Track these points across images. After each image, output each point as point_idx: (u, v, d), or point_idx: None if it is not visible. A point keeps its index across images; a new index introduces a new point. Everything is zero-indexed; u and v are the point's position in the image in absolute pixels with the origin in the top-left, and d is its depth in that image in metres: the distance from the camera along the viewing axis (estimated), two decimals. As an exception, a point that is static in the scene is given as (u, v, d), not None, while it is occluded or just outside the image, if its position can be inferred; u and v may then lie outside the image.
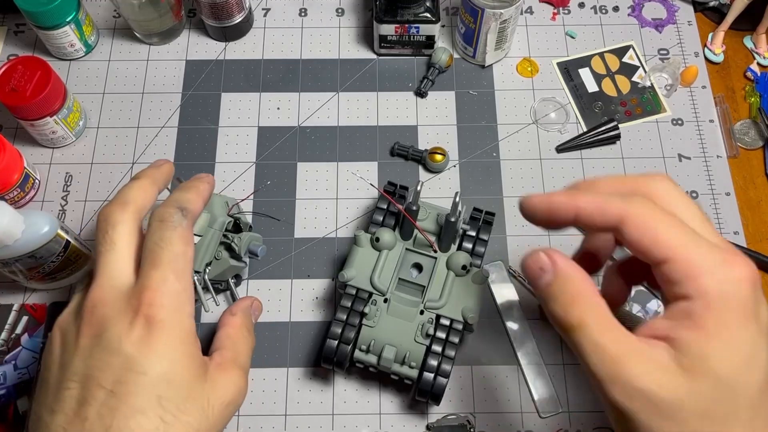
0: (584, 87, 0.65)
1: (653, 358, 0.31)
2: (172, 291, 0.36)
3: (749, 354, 0.31)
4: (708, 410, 0.31)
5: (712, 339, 0.31)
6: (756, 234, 0.59)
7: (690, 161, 0.62)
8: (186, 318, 0.36)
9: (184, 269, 0.38)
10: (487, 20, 0.59)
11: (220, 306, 0.56)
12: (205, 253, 0.51)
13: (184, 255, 0.38)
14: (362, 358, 0.49)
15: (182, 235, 0.39)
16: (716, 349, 0.31)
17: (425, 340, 0.48)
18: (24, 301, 0.56)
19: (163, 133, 0.63)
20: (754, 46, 0.67)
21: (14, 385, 0.53)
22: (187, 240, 0.39)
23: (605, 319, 0.33)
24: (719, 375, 0.31)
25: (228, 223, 0.53)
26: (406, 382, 0.50)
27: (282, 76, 0.65)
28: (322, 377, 0.54)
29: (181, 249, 0.38)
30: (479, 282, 0.50)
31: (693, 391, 0.31)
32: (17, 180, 0.57)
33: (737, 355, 0.31)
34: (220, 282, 0.54)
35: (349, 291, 0.50)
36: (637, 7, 0.69)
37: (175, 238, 0.38)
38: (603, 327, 0.32)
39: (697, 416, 0.31)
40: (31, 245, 0.49)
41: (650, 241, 0.32)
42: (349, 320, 0.49)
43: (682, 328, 0.31)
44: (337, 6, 0.69)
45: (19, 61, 0.57)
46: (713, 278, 0.31)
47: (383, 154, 0.62)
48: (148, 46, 0.67)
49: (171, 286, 0.36)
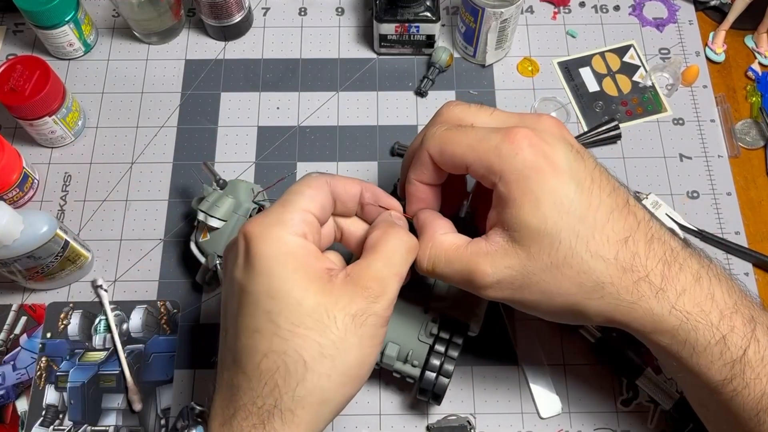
0: (585, 86, 0.65)
1: (494, 248, 0.37)
2: (264, 213, 0.37)
3: (555, 199, 0.35)
4: (552, 262, 0.36)
5: (522, 206, 0.35)
6: (757, 234, 0.59)
7: (691, 161, 0.61)
8: (285, 234, 0.35)
9: (285, 201, 0.38)
10: (488, 19, 0.59)
11: None
12: (229, 238, 0.52)
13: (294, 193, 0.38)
14: None
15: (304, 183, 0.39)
16: (529, 212, 0.35)
17: (429, 339, 0.48)
18: (23, 301, 0.56)
19: (163, 133, 0.62)
20: (755, 46, 0.67)
21: (13, 386, 0.53)
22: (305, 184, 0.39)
23: (448, 248, 0.39)
24: (541, 230, 0.35)
25: (252, 209, 0.53)
26: (407, 381, 0.50)
27: (282, 75, 0.65)
28: (322, 378, 0.53)
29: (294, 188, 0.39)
30: None
31: (530, 257, 0.36)
32: (16, 180, 0.57)
33: (546, 207, 0.35)
34: None
35: None
36: (638, 7, 0.69)
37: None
38: (445, 255, 0.39)
39: (545, 272, 0.36)
40: (30, 245, 0.48)
41: (451, 159, 0.38)
42: None
43: (501, 210, 0.37)
44: (337, 5, 0.69)
45: (18, 61, 0.57)
46: (500, 158, 0.36)
47: (383, 154, 0.62)
48: (147, 45, 0.67)
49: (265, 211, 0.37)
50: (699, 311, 0.36)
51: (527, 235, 0.36)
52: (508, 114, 0.40)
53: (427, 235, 0.40)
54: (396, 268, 0.37)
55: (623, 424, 0.52)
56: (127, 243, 0.58)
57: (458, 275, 0.38)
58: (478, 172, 0.38)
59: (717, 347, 0.36)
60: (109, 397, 0.53)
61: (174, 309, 0.56)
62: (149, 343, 0.54)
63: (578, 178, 0.36)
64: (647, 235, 0.37)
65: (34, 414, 0.52)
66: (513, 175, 0.36)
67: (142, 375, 0.53)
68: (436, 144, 0.39)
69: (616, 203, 0.37)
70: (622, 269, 0.36)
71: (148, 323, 0.55)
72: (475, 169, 0.38)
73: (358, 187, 0.40)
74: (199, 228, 0.54)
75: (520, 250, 0.36)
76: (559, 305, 0.37)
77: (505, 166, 0.36)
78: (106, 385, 0.53)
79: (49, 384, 0.53)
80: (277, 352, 0.33)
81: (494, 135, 0.37)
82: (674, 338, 0.36)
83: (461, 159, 0.38)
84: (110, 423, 0.52)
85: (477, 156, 0.37)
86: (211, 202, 0.52)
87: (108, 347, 0.54)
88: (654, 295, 0.36)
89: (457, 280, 0.39)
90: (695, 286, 0.36)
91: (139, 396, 0.52)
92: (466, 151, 0.38)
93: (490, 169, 0.37)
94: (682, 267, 0.36)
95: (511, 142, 0.36)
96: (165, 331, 0.55)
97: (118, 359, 0.54)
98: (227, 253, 0.38)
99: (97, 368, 0.54)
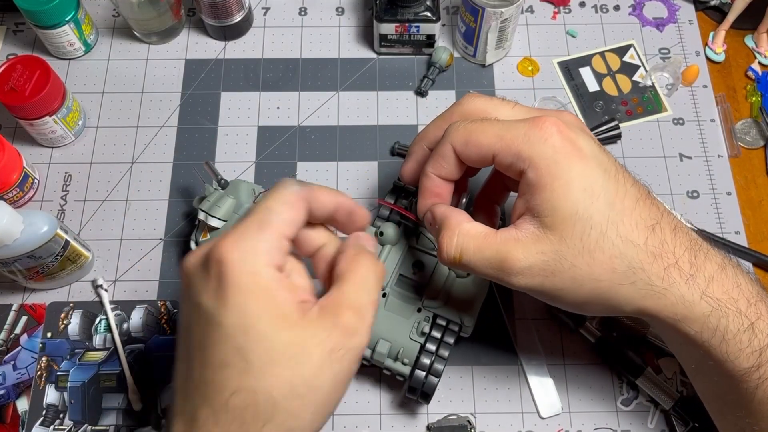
0: (585, 86, 0.65)
1: (525, 235, 0.37)
2: (239, 234, 0.34)
3: (585, 184, 0.36)
4: (584, 246, 0.36)
5: (554, 191, 0.36)
6: (757, 234, 0.59)
7: (691, 161, 0.61)
8: (262, 266, 0.33)
9: (262, 221, 0.34)
10: (488, 19, 0.59)
11: None
12: None
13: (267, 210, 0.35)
14: None
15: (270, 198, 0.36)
16: (561, 196, 0.36)
17: (420, 338, 0.48)
18: (23, 301, 0.56)
19: (163, 133, 0.62)
20: (755, 46, 0.67)
21: (13, 386, 0.53)
22: (276, 199, 0.36)
23: (477, 236, 0.39)
24: (573, 214, 0.36)
25: None
26: (398, 379, 0.50)
27: (282, 75, 0.65)
28: (322, 377, 0.53)
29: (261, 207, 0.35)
30: (480, 285, 0.50)
31: (562, 241, 0.36)
32: (16, 180, 0.57)
33: (577, 191, 0.36)
34: None
35: None
36: (638, 6, 0.69)
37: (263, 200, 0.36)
38: (477, 242, 0.38)
39: (577, 257, 0.36)
40: (30, 245, 0.48)
41: (478, 150, 0.39)
42: None
43: (531, 196, 0.37)
44: (337, 5, 0.69)
45: (18, 61, 0.57)
46: (529, 145, 0.37)
47: (383, 154, 0.62)
48: (147, 45, 0.67)
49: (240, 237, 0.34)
50: (728, 298, 0.36)
51: (559, 220, 0.36)
52: (530, 108, 0.41)
53: (452, 225, 0.40)
54: (372, 296, 0.35)
55: (623, 424, 0.52)
56: (128, 243, 0.58)
57: (487, 263, 0.38)
58: (505, 161, 0.38)
59: (746, 334, 0.36)
60: (110, 396, 0.53)
61: (174, 309, 0.56)
62: (149, 343, 0.54)
63: (604, 166, 0.37)
64: (671, 225, 0.37)
65: (35, 414, 0.52)
66: (543, 160, 0.36)
67: (143, 375, 0.53)
68: (461, 136, 0.39)
69: (640, 192, 0.37)
70: (652, 255, 0.36)
71: (148, 323, 0.55)
72: (503, 158, 0.38)
73: (334, 203, 0.37)
74: (199, 227, 0.54)
75: (552, 235, 0.36)
76: (588, 293, 0.37)
77: (534, 152, 0.36)
78: (107, 384, 0.53)
79: (50, 384, 0.53)
80: (247, 390, 0.31)
81: (521, 124, 0.38)
82: (705, 325, 0.36)
83: (488, 149, 0.38)
84: (110, 423, 0.52)
85: (505, 144, 0.37)
86: (212, 202, 0.52)
87: (108, 347, 0.54)
88: (684, 281, 0.36)
89: (484, 268, 0.38)
90: (721, 274, 0.37)
91: (139, 396, 0.52)
92: (494, 141, 0.38)
93: (519, 156, 0.37)
94: (707, 256, 0.37)
95: (539, 129, 0.37)
96: (165, 331, 0.55)
97: (118, 359, 0.54)
98: (192, 270, 0.34)
99: (98, 368, 0.54)
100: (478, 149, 0.39)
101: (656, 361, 0.54)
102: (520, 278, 0.37)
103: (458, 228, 0.39)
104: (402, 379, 0.49)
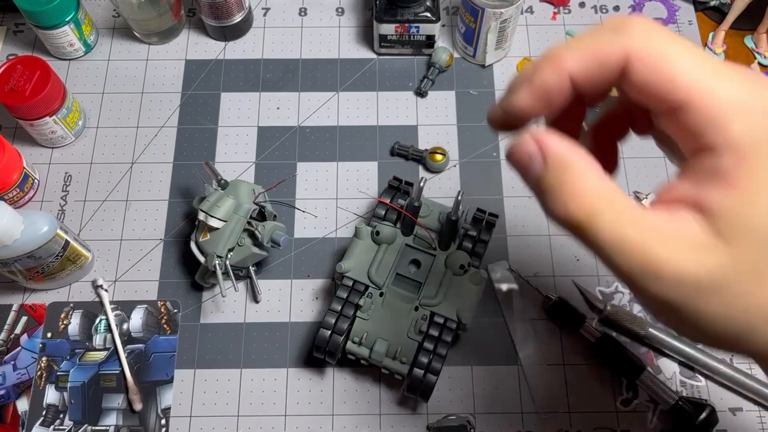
0: (585, 86, 0.65)
1: (682, 233, 0.26)
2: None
3: None
4: (759, 276, 0.26)
5: (751, 197, 0.25)
6: (757, 234, 0.59)
7: (691, 161, 0.61)
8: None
9: None
10: (488, 20, 0.59)
11: (239, 292, 0.56)
12: (228, 238, 0.52)
13: None
14: (354, 350, 0.49)
15: None
16: (758, 209, 0.25)
17: (418, 336, 0.48)
18: (23, 301, 0.56)
19: (163, 133, 0.63)
20: (755, 46, 0.67)
21: (13, 386, 0.53)
22: None
23: (617, 203, 0.26)
24: (764, 237, 0.25)
25: (253, 210, 0.53)
26: (396, 377, 0.50)
27: (282, 75, 0.65)
28: (322, 377, 0.54)
29: None
30: (477, 283, 0.50)
31: (737, 260, 0.26)
32: (16, 180, 0.57)
33: None
34: (241, 269, 0.54)
35: (346, 282, 0.50)
36: (637, 7, 0.69)
37: None
38: (617, 213, 0.26)
39: (746, 285, 0.26)
40: (31, 245, 0.49)
41: (663, 80, 0.26)
42: (344, 311, 0.49)
43: (712, 189, 0.26)
44: (337, 5, 0.69)
45: (18, 61, 0.57)
46: (744, 123, 0.25)
47: (383, 154, 0.62)
48: (147, 45, 0.67)
49: None
50: None
51: (749, 239, 0.26)
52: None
53: (582, 168, 0.27)
54: None
55: (623, 424, 0.52)
56: (128, 243, 0.58)
57: (625, 247, 0.26)
58: (694, 122, 0.26)
59: None
60: (110, 396, 0.53)
61: (174, 309, 0.56)
62: (149, 343, 0.55)
63: None
64: None
65: (35, 414, 0.52)
66: (752, 148, 0.25)
67: (143, 375, 0.53)
68: (652, 59, 0.26)
69: None
70: None
71: (148, 323, 0.55)
72: (695, 116, 0.26)
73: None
74: (199, 228, 0.54)
75: (724, 247, 0.26)
76: (735, 328, 0.27)
77: (743, 135, 0.25)
78: (107, 384, 0.53)
79: (50, 384, 0.53)
80: None
81: (741, 85, 0.26)
82: None
83: (682, 94, 0.26)
84: (110, 423, 0.52)
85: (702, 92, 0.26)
86: (212, 202, 0.52)
87: (108, 347, 0.54)
88: None
89: (614, 251, 0.27)
90: None
91: (139, 396, 0.52)
92: (697, 87, 0.26)
93: (722, 131, 0.26)
94: None
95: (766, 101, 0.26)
96: (165, 331, 0.55)
97: (118, 359, 0.54)
98: None
99: (98, 368, 0.54)
100: (667, 86, 0.26)
101: (656, 361, 0.54)
102: (657, 286, 0.26)
103: (592, 176, 0.26)
104: (400, 377, 0.50)
